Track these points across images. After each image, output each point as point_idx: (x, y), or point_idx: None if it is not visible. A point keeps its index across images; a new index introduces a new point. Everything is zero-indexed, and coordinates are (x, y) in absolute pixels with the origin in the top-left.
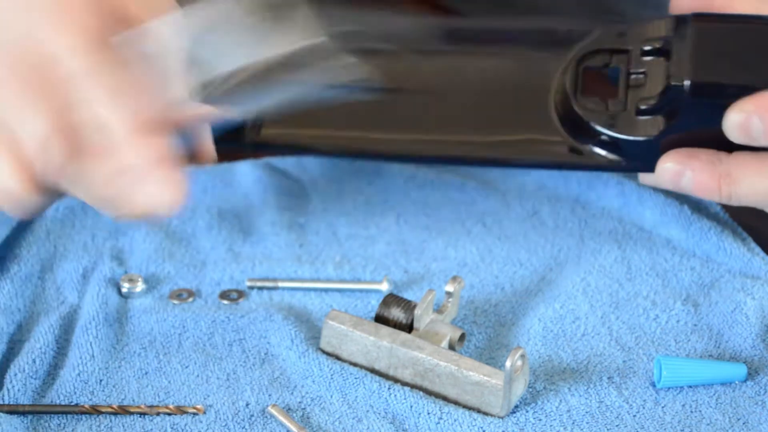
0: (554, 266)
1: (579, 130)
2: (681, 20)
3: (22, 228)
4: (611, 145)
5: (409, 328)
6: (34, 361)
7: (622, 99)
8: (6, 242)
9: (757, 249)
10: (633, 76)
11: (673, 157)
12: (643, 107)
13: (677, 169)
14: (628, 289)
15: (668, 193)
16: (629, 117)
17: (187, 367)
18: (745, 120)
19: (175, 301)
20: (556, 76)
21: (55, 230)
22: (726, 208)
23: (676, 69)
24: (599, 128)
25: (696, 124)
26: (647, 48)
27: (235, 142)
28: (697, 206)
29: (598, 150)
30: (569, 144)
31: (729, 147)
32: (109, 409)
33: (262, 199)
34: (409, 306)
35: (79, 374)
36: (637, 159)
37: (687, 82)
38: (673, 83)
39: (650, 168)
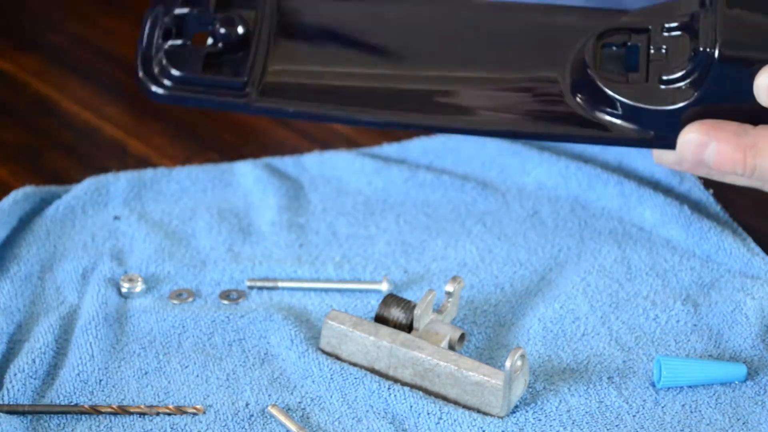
0: (554, 266)
1: (598, 100)
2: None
3: (21, 228)
4: (631, 117)
5: (408, 328)
6: (33, 361)
7: (643, 73)
8: (6, 242)
9: (757, 249)
10: (653, 52)
11: (696, 128)
12: (666, 77)
13: (701, 140)
14: (628, 289)
15: (668, 193)
16: (652, 87)
17: (186, 367)
18: None
19: (175, 301)
20: (574, 50)
21: (54, 230)
22: (726, 207)
23: (704, 36)
24: (619, 98)
25: (723, 92)
26: (669, 25)
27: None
28: (697, 206)
29: (617, 122)
30: (587, 115)
31: (753, 122)
32: (109, 409)
33: (262, 199)
34: (408, 306)
35: (78, 374)
36: (658, 132)
37: (717, 46)
38: (702, 48)
39: (670, 143)
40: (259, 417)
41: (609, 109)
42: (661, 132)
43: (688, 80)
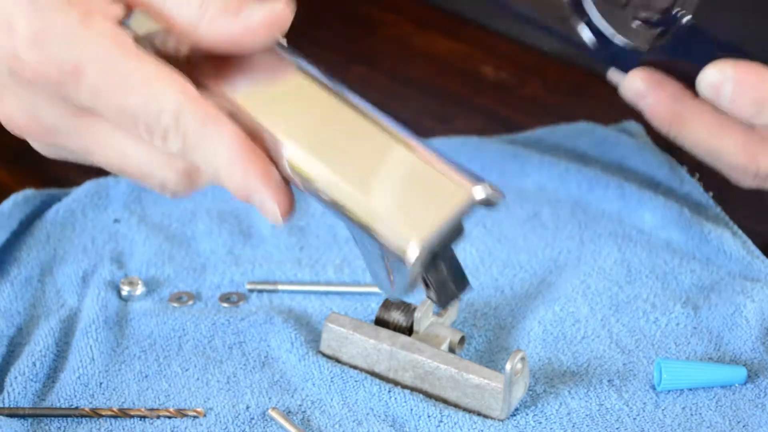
0: (554, 269)
1: (580, 12)
2: None
3: (22, 231)
4: (598, 33)
5: (409, 330)
6: (34, 364)
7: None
8: (6, 245)
9: (757, 252)
10: None
11: (642, 76)
12: (641, 15)
13: (641, 90)
14: (628, 291)
15: (668, 196)
16: (626, 17)
17: (187, 370)
18: (719, 81)
19: (175, 304)
20: None
21: (55, 233)
22: (727, 209)
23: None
24: (593, 11)
25: (680, 56)
26: None
27: None
28: (697, 209)
29: (582, 29)
30: (569, 28)
31: (692, 86)
32: (109, 413)
33: None
34: (409, 309)
35: (79, 377)
36: (615, 59)
37: (688, 18)
38: (675, 11)
39: (623, 69)
40: (260, 420)
41: (580, 14)
42: (617, 59)
43: (655, 28)
